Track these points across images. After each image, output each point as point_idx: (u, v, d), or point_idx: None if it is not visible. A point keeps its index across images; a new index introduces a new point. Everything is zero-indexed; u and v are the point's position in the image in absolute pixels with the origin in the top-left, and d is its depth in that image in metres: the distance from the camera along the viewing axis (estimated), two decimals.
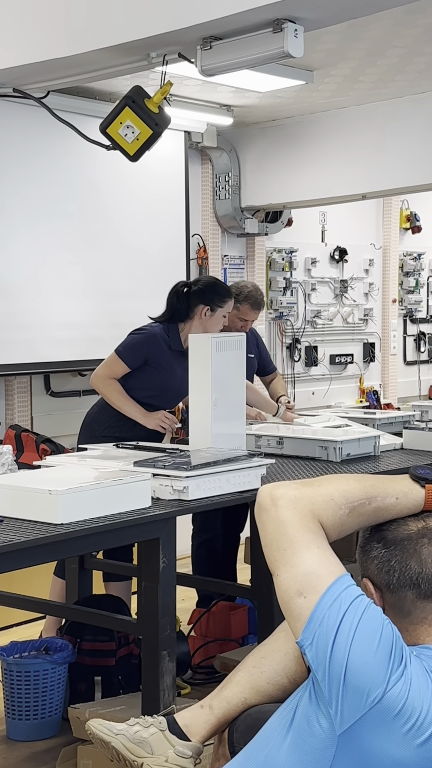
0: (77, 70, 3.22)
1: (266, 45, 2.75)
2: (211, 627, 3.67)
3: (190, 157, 5.55)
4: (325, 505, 1.35)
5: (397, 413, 4.23)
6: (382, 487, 1.39)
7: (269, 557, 1.34)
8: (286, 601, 1.31)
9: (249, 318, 4.13)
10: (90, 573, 3.56)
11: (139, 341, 3.52)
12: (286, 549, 1.31)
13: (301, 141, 5.48)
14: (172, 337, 3.55)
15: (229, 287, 3.79)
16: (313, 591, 1.28)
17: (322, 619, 1.26)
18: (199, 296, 3.56)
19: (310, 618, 1.27)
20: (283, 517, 1.33)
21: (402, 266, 7.28)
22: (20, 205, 4.63)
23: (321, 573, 1.29)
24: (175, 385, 3.56)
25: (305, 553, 1.31)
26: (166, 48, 2.96)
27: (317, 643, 1.26)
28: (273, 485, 1.38)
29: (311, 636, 1.27)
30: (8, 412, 4.80)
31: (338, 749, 1.25)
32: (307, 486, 1.38)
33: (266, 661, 1.88)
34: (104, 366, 3.56)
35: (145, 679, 2.60)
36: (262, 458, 2.85)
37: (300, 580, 1.29)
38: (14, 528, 2.28)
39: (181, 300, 3.56)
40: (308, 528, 1.32)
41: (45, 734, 3.08)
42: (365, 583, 1.40)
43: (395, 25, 3.80)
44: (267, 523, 1.35)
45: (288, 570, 1.31)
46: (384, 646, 1.26)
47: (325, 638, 1.25)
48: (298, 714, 1.32)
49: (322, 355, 6.66)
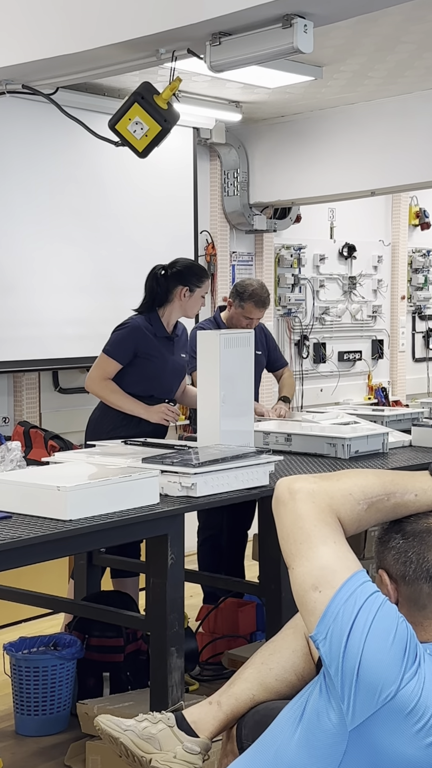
0: (86, 66, 3.22)
1: (276, 41, 2.74)
2: (219, 623, 3.67)
3: (199, 153, 5.54)
4: (344, 500, 1.34)
5: (405, 410, 4.22)
6: (402, 483, 1.39)
7: (285, 550, 1.34)
8: (300, 594, 1.30)
9: (253, 316, 4.11)
10: (98, 569, 3.56)
11: (125, 335, 3.53)
12: (302, 543, 1.31)
13: (309, 137, 5.46)
14: (155, 324, 3.56)
15: (205, 268, 3.80)
16: (328, 586, 1.27)
17: (336, 615, 1.26)
18: (177, 278, 3.58)
19: (324, 612, 1.26)
20: (300, 510, 1.33)
21: (411, 263, 7.26)
22: (28, 202, 4.64)
23: (337, 568, 1.29)
24: (168, 370, 3.57)
25: (322, 547, 1.30)
26: (175, 44, 2.95)
27: (331, 638, 1.26)
28: (291, 478, 1.38)
29: (325, 631, 1.26)
30: (17, 409, 4.81)
31: (349, 745, 1.25)
32: (326, 480, 1.37)
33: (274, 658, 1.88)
34: (96, 368, 3.57)
35: (154, 675, 2.60)
36: (271, 455, 2.85)
37: (315, 575, 1.29)
38: (22, 524, 2.29)
39: (159, 283, 3.57)
40: (325, 522, 1.32)
41: (53, 730, 3.09)
42: (381, 575, 1.39)
43: (404, 20, 3.79)
44: (284, 516, 1.34)
45: (304, 564, 1.30)
46: (398, 643, 1.25)
47: (340, 634, 1.25)
48: (308, 709, 1.32)
49: (331, 352, 6.64)
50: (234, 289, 4.17)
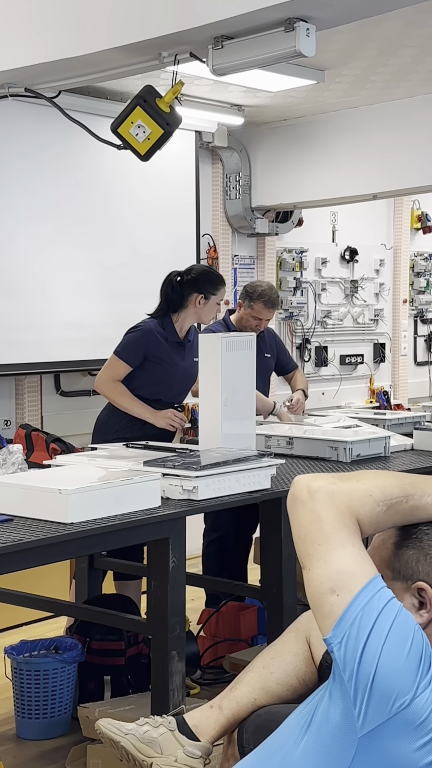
0: (88, 69, 3.22)
1: (278, 44, 2.74)
2: (220, 627, 3.66)
3: (201, 156, 5.55)
4: (363, 501, 1.32)
5: (407, 414, 4.22)
6: (420, 485, 1.37)
7: (301, 550, 1.32)
8: (317, 597, 1.28)
9: (263, 317, 4.11)
10: (99, 572, 3.56)
11: (136, 338, 3.53)
12: (320, 544, 1.29)
13: (312, 141, 5.47)
14: (168, 329, 3.56)
15: (221, 275, 3.80)
16: (346, 590, 1.26)
17: (354, 620, 1.24)
18: (192, 285, 3.58)
19: (341, 617, 1.25)
20: (320, 511, 1.30)
21: (413, 266, 7.26)
22: (30, 205, 4.64)
23: (356, 572, 1.27)
24: (179, 376, 3.57)
25: (341, 550, 1.28)
26: (178, 47, 2.95)
27: (347, 643, 1.24)
28: (310, 477, 1.35)
29: (341, 635, 1.24)
30: (18, 412, 4.82)
31: (358, 751, 1.23)
32: (345, 481, 1.35)
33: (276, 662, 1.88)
34: (106, 369, 3.57)
35: (155, 678, 2.60)
36: (272, 458, 2.84)
37: (334, 578, 1.27)
38: (24, 527, 2.29)
39: (175, 290, 3.57)
40: (345, 524, 1.30)
41: (54, 733, 3.08)
42: (420, 588, 1.34)
43: (407, 24, 3.79)
44: (302, 515, 1.32)
45: (321, 566, 1.28)
46: (415, 652, 1.23)
47: (357, 640, 1.23)
48: (317, 715, 1.30)
49: (332, 356, 6.64)
50: (244, 290, 4.19)
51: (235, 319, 4.19)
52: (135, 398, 3.51)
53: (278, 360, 4.35)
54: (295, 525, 1.34)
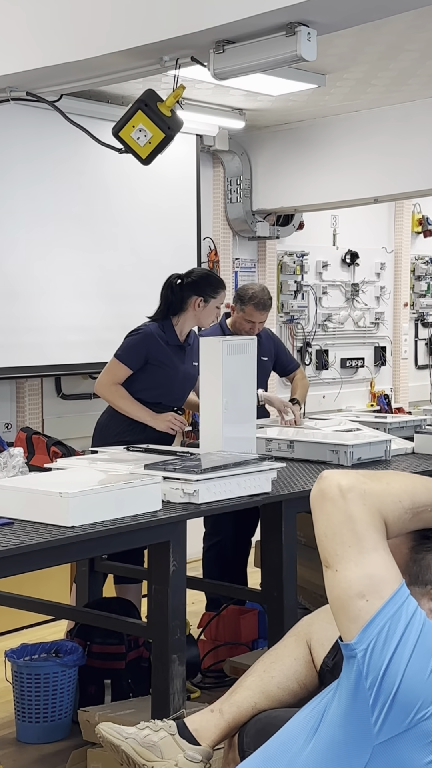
0: (90, 73, 3.23)
1: (279, 48, 2.74)
2: (221, 630, 3.66)
3: (202, 160, 5.55)
4: (393, 506, 1.30)
5: (408, 417, 4.21)
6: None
7: (329, 549, 1.29)
8: (343, 599, 1.26)
9: (255, 319, 4.08)
10: (100, 576, 3.56)
11: (137, 341, 3.54)
12: (351, 546, 1.27)
13: (313, 144, 5.47)
14: (168, 332, 3.57)
15: (221, 278, 3.80)
16: (376, 595, 1.24)
17: (383, 628, 1.22)
18: (192, 288, 3.58)
19: (369, 623, 1.23)
20: (352, 511, 1.28)
21: (414, 270, 7.26)
22: (31, 208, 4.65)
23: (386, 578, 1.25)
24: (179, 379, 3.58)
25: (372, 554, 1.26)
26: (179, 51, 2.96)
27: (373, 650, 1.22)
28: (340, 473, 1.33)
29: (368, 641, 1.22)
30: (19, 415, 4.82)
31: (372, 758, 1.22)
32: (376, 482, 1.32)
33: (276, 666, 1.87)
34: (106, 372, 3.57)
35: (155, 682, 2.60)
36: (273, 462, 2.84)
37: (364, 582, 1.25)
38: (24, 530, 2.29)
39: (174, 292, 3.58)
40: (376, 527, 1.28)
41: (55, 737, 3.08)
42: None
43: (407, 28, 3.80)
44: (333, 514, 1.29)
45: (351, 568, 1.26)
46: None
47: (384, 649, 1.21)
48: (326, 719, 1.29)
49: (333, 359, 6.64)
50: (236, 294, 4.18)
51: (230, 323, 4.17)
52: (135, 401, 3.52)
53: (278, 361, 4.32)
54: (322, 522, 1.31)
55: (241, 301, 4.07)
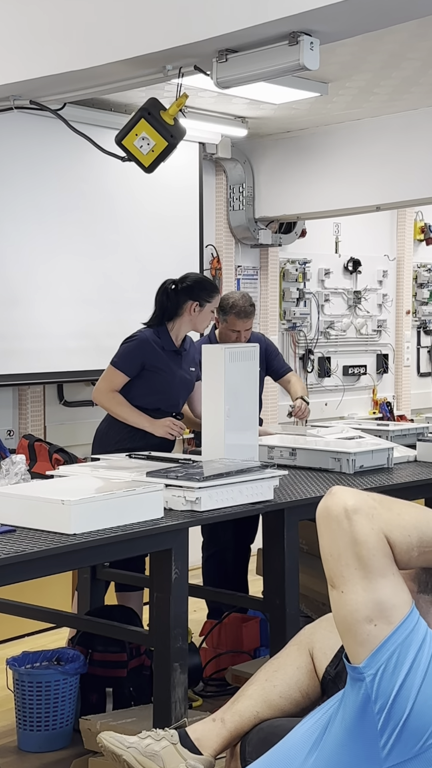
0: (93, 82, 3.24)
1: (282, 58, 2.75)
2: (222, 639, 3.65)
3: (205, 168, 5.57)
4: (401, 539, 1.28)
5: (410, 425, 4.21)
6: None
7: (334, 569, 1.28)
8: (350, 622, 1.25)
9: (238, 328, 4.00)
10: (102, 584, 3.55)
11: (133, 348, 3.54)
12: (357, 569, 1.25)
13: (315, 152, 5.48)
14: (163, 338, 3.57)
15: (215, 283, 3.78)
16: (385, 621, 1.23)
17: (392, 654, 1.21)
18: (187, 292, 3.59)
19: (379, 648, 1.22)
20: (357, 534, 1.26)
21: (416, 278, 7.27)
22: (35, 216, 4.66)
23: (396, 603, 1.24)
24: (176, 384, 3.58)
25: (380, 580, 1.25)
26: (182, 60, 2.97)
27: (383, 675, 1.21)
28: (348, 493, 1.30)
29: (377, 666, 1.21)
30: (21, 422, 4.82)
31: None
32: (386, 509, 1.30)
33: (279, 675, 1.87)
34: (103, 380, 3.57)
35: (157, 690, 2.59)
36: (275, 469, 2.84)
37: (371, 607, 1.24)
38: (27, 538, 2.29)
39: (169, 298, 3.59)
40: (383, 552, 1.26)
41: (56, 746, 3.07)
42: None
43: (410, 37, 3.81)
44: (337, 534, 1.27)
45: (358, 591, 1.25)
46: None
47: (394, 675, 1.20)
48: (330, 733, 1.28)
49: (335, 366, 6.64)
50: (219, 305, 4.04)
51: (217, 334, 4.14)
52: (133, 408, 3.51)
53: (270, 366, 4.24)
54: (326, 540, 1.30)
55: (223, 311, 4.01)
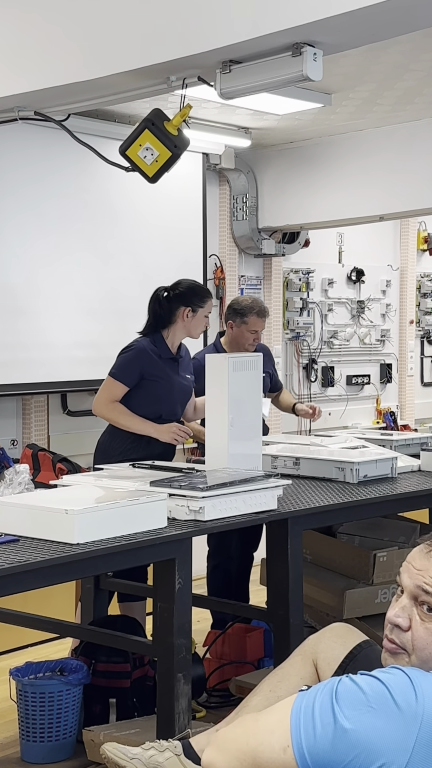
0: (98, 93, 3.26)
1: (285, 69, 2.76)
2: (226, 649, 3.64)
3: (208, 178, 5.59)
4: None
5: (414, 435, 4.20)
6: None
7: None
8: None
9: (258, 328, 4.07)
10: (105, 594, 3.54)
11: (131, 358, 3.55)
12: None
13: (318, 163, 5.50)
14: (160, 346, 3.58)
15: (207, 288, 3.81)
16: None
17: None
18: (179, 299, 3.60)
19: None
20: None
21: (419, 287, 7.27)
22: (38, 226, 4.68)
23: None
24: (176, 391, 3.59)
25: None
26: (186, 71, 2.99)
27: None
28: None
29: None
30: (25, 431, 4.82)
31: None
32: None
33: (283, 686, 1.86)
34: (103, 391, 3.57)
35: (160, 701, 2.58)
36: (279, 479, 2.84)
37: None
38: (30, 548, 2.28)
39: (162, 305, 3.60)
40: None
41: (59, 757, 3.05)
42: None
43: (413, 48, 3.82)
44: None
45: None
46: None
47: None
48: None
49: (339, 376, 6.64)
50: (230, 310, 4.11)
51: (226, 342, 4.14)
52: (136, 415, 3.51)
53: (271, 378, 4.29)
54: None
55: (241, 314, 4.05)
